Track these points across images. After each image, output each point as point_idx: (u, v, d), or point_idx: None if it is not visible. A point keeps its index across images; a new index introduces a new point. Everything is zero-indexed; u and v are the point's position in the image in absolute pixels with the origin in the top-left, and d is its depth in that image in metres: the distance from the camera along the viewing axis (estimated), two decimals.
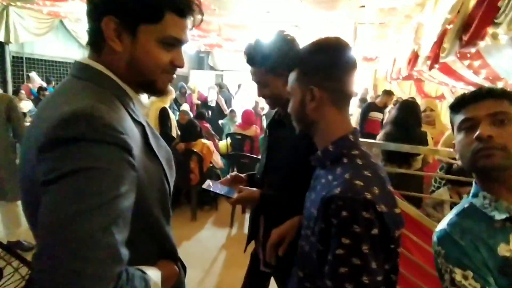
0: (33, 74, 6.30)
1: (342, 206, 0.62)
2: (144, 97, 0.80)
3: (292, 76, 0.81)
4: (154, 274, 0.63)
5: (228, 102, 7.13)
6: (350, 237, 0.61)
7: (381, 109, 4.79)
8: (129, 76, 0.66)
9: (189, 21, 0.68)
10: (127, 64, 0.65)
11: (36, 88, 5.79)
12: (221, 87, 7.44)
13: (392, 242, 0.66)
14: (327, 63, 0.76)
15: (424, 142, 2.47)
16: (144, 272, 0.60)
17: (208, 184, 1.17)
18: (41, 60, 7.04)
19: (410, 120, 2.60)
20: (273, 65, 1.04)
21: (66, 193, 0.48)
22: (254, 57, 1.09)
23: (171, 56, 0.67)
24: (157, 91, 0.71)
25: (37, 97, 5.50)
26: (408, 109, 2.67)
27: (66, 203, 0.48)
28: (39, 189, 0.51)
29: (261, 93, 1.14)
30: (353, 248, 0.61)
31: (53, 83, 6.42)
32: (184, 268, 0.85)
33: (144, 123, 0.70)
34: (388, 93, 5.00)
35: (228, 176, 1.28)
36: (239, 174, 1.32)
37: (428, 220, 1.95)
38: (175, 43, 0.67)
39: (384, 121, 2.95)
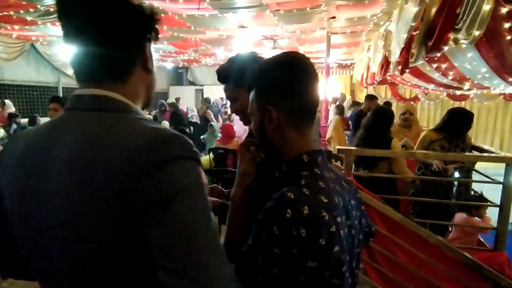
0: (7, 102, 6.08)
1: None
2: None
3: (250, 96, 0.76)
4: None
5: (216, 116, 7.13)
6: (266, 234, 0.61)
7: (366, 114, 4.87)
8: (146, 98, 0.68)
9: None
10: (149, 86, 0.67)
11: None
12: (207, 102, 7.46)
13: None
14: (282, 81, 0.70)
15: (386, 147, 2.51)
16: None
17: None
18: (12, 85, 6.82)
19: (373, 125, 2.69)
20: (238, 78, 1.02)
21: (183, 211, 0.51)
22: (223, 73, 1.11)
23: None
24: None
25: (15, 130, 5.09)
26: (375, 115, 2.76)
27: (188, 220, 0.51)
28: (137, 216, 0.50)
29: (233, 109, 1.15)
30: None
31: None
32: None
33: None
34: (370, 98, 5.05)
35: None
36: (219, 187, 1.29)
37: (409, 221, 1.99)
38: None
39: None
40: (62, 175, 0.54)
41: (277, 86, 0.71)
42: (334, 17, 4.33)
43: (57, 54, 7.04)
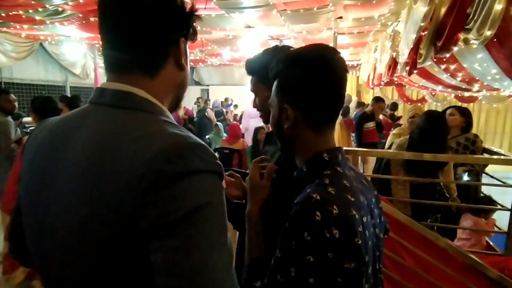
0: None
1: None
2: None
3: (273, 86, 0.73)
4: None
5: (218, 115, 7.14)
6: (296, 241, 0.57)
7: (371, 116, 4.83)
8: (174, 99, 0.63)
9: None
10: (179, 85, 0.63)
11: None
12: (205, 102, 7.45)
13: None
14: (303, 81, 0.66)
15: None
16: None
17: None
18: (21, 84, 6.90)
19: (443, 131, 2.37)
20: (264, 74, 0.93)
21: (194, 233, 0.44)
22: (249, 64, 1.04)
23: None
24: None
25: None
26: (437, 119, 2.40)
27: (197, 246, 0.44)
28: (143, 233, 0.44)
29: (254, 103, 1.07)
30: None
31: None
32: None
33: None
34: (376, 100, 4.95)
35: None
36: (238, 176, 1.17)
37: (417, 224, 1.96)
38: None
39: (409, 134, 2.66)
40: (70, 177, 0.51)
41: (296, 85, 0.67)
42: (341, 17, 4.30)
43: (65, 54, 7.10)
